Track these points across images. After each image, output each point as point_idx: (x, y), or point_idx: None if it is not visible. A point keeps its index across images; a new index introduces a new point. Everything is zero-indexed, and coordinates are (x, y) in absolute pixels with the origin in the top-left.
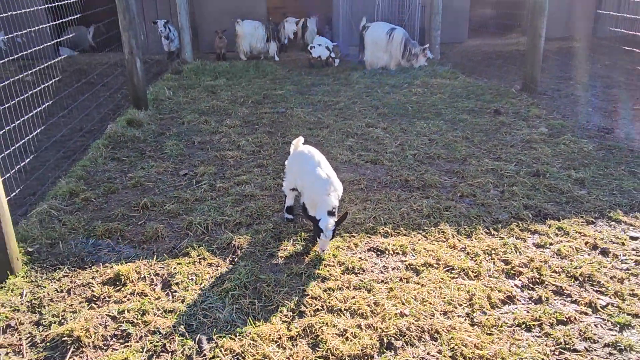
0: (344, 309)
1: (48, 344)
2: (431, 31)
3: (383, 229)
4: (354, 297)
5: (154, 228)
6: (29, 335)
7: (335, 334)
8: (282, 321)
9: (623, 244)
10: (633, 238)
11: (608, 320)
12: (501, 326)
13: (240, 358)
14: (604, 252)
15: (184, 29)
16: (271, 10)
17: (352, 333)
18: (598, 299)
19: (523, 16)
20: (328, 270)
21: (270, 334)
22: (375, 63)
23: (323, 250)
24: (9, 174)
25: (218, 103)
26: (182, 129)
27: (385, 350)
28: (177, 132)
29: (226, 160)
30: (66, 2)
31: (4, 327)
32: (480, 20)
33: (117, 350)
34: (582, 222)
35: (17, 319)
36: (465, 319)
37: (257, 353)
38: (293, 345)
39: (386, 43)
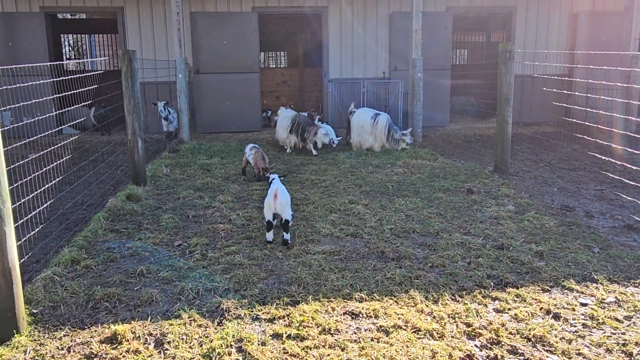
0: None
1: None
2: (414, 116)
3: (358, 295)
4: (329, 355)
5: (149, 293)
6: None
7: None
8: None
9: (574, 309)
10: (582, 304)
11: None
12: None
13: None
14: (556, 317)
15: (182, 110)
16: (265, 93)
17: None
18: (547, 357)
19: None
20: (307, 331)
21: None
22: (361, 145)
23: None
24: (20, 242)
25: (212, 180)
26: (177, 203)
27: None
28: (172, 207)
29: (218, 232)
30: (78, 91)
31: None
32: (462, 107)
33: None
34: (538, 290)
35: None
36: None
37: None
38: None
39: (371, 127)
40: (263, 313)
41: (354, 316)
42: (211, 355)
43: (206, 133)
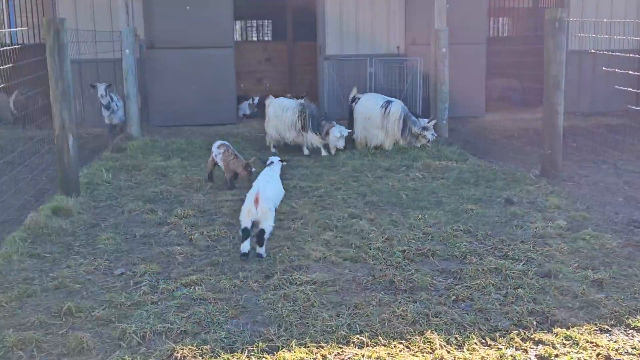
0: None
1: None
2: (437, 104)
3: (358, 338)
4: None
5: (79, 338)
6: None
7: None
8: None
9: None
10: None
11: None
12: None
13: None
14: None
15: (131, 97)
16: (243, 74)
17: None
18: None
19: None
20: None
21: None
22: (368, 141)
23: None
24: None
25: (168, 188)
26: (121, 219)
27: None
28: (114, 224)
29: (173, 257)
30: None
31: None
32: (502, 92)
33: None
34: (595, 330)
35: None
36: None
37: None
38: None
39: (381, 118)
40: None
41: None
42: None
43: (162, 126)
